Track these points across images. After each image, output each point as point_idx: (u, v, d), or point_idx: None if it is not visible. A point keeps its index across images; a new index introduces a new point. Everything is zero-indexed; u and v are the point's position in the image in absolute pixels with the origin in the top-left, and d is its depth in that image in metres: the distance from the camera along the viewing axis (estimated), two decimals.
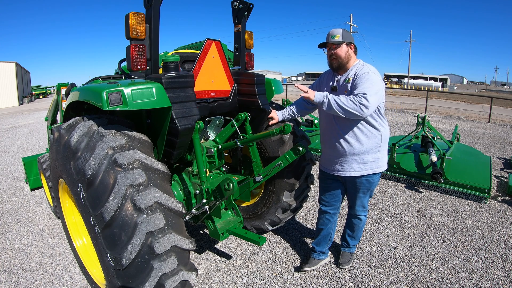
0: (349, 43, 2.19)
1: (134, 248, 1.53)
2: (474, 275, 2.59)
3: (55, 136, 2.01)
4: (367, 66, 2.18)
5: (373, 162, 2.24)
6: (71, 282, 2.58)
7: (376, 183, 2.36)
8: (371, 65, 2.21)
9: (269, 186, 2.81)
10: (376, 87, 2.02)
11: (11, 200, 4.35)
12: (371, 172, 2.26)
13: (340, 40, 2.17)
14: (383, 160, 2.29)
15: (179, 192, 2.37)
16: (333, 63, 2.24)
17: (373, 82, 2.03)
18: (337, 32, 2.19)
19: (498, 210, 3.80)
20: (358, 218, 2.55)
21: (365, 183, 2.31)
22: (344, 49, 2.19)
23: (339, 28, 2.22)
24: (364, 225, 2.66)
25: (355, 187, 2.36)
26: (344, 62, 2.21)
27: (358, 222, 2.57)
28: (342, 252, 2.74)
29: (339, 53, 2.18)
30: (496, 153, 6.63)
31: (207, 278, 2.58)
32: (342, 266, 2.66)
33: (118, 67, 2.31)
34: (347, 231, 2.67)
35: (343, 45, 2.18)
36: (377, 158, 2.24)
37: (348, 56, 2.20)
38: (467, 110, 16.13)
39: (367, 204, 2.51)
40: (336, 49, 2.19)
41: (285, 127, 1.93)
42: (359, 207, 2.47)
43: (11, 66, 30.55)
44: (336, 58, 2.20)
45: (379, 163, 2.26)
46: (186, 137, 2.01)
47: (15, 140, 9.01)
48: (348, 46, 2.20)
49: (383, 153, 2.27)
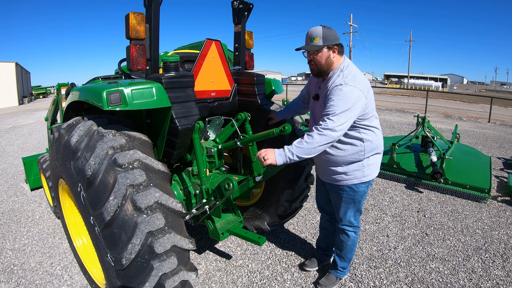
0: (331, 45, 1.88)
1: (134, 248, 1.53)
2: (474, 275, 2.59)
3: (55, 136, 2.01)
4: (345, 73, 1.86)
5: (357, 171, 2.02)
6: (71, 282, 2.58)
7: (361, 193, 2.10)
8: (353, 68, 1.91)
9: (269, 186, 2.81)
10: (347, 103, 1.74)
11: (11, 200, 4.35)
12: (356, 181, 2.04)
13: (320, 43, 1.86)
14: (370, 168, 2.04)
15: (179, 192, 2.37)
16: (313, 70, 1.99)
17: (343, 97, 1.75)
18: (316, 34, 1.87)
19: (498, 210, 3.80)
20: (345, 234, 2.27)
21: (348, 191, 2.09)
22: (325, 54, 1.89)
23: (319, 26, 1.89)
24: (355, 245, 2.32)
25: (338, 196, 2.15)
26: (324, 69, 1.94)
27: (345, 239, 2.28)
28: (328, 272, 2.48)
29: (319, 60, 1.91)
30: (496, 153, 6.63)
31: (207, 278, 2.58)
32: (319, 286, 2.40)
33: (118, 67, 2.31)
34: (335, 249, 2.42)
35: (323, 49, 1.88)
36: (361, 166, 2.01)
37: (330, 61, 1.91)
38: (467, 110, 16.12)
39: (354, 218, 2.22)
40: (316, 55, 1.91)
41: (285, 127, 1.93)
42: (345, 220, 2.22)
43: (11, 66, 30.56)
44: (316, 64, 1.94)
45: (365, 172, 2.02)
46: (186, 137, 2.01)
47: (15, 140, 9.01)
48: (330, 49, 1.89)
49: (370, 161, 2.03)
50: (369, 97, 1.88)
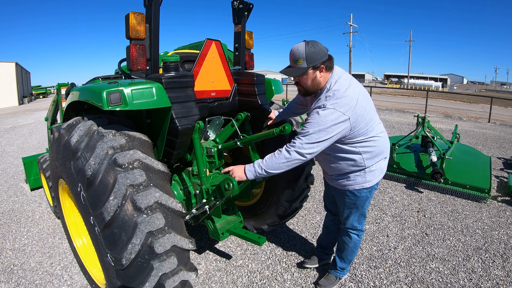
0: (317, 65, 1.76)
1: (134, 248, 1.53)
2: (474, 275, 2.59)
3: (55, 136, 2.01)
4: (329, 94, 1.76)
5: (358, 177, 1.98)
6: (71, 282, 2.58)
7: (363, 198, 2.07)
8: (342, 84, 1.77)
9: (269, 186, 2.81)
10: (320, 125, 1.68)
11: (11, 200, 4.35)
12: (358, 187, 2.01)
13: (304, 66, 1.75)
14: (373, 174, 1.99)
15: (179, 192, 2.37)
16: (300, 90, 1.95)
17: (318, 120, 1.69)
18: (299, 55, 1.75)
19: (498, 210, 3.80)
20: (348, 236, 2.27)
21: (350, 195, 2.07)
22: (311, 76, 1.80)
23: (302, 44, 1.76)
24: (356, 248, 2.32)
25: (341, 199, 2.15)
26: (311, 90, 1.87)
27: (347, 241, 2.28)
28: (328, 272, 2.48)
29: (304, 82, 1.84)
30: (496, 153, 6.63)
31: (207, 278, 2.58)
32: (319, 287, 2.41)
33: (118, 67, 2.31)
34: (337, 249, 2.42)
35: (308, 71, 1.78)
36: (363, 172, 1.97)
37: (317, 82, 1.82)
38: (467, 110, 16.12)
39: (358, 222, 2.21)
40: (302, 77, 1.83)
41: (285, 127, 1.93)
42: (348, 223, 2.22)
43: (11, 66, 30.57)
44: (302, 86, 1.88)
45: (367, 178, 1.98)
46: (186, 137, 2.01)
47: (15, 140, 9.01)
48: (317, 69, 1.77)
49: (372, 168, 1.97)
50: (359, 113, 1.75)
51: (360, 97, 1.78)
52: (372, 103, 1.91)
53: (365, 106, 1.80)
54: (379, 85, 48.31)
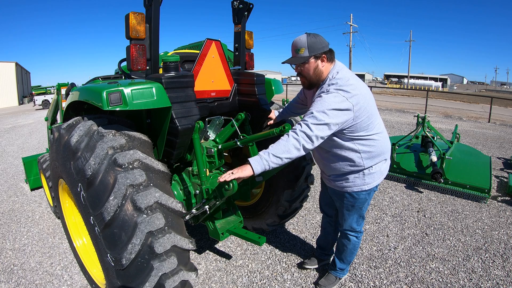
0: (319, 54, 1.79)
1: (134, 248, 1.53)
2: (474, 275, 2.59)
3: (55, 136, 2.01)
4: (332, 81, 1.78)
5: (357, 179, 1.96)
6: (71, 282, 2.58)
7: (362, 201, 2.06)
8: (343, 75, 1.79)
9: (269, 186, 2.81)
10: (324, 106, 1.65)
11: (11, 200, 4.35)
12: (356, 189, 1.99)
13: (306, 54, 1.78)
14: (372, 177, 1.97)
15: (179, 192, 2.37)
16: (303, 83, 1.94)
17: (322, 101, 1.67)
18: (301, 45, 1.78)
19: (498, 210, 3.80)
20: (346, 238, 2.26)
21: (348, 197, 2.05)
22: (313, 65, 1.82)
23: (304, 35, 1.80)
24: (355, 249, 2.32)
25: (340, 201, 2.14)
26: (314, 80, 1.88)
27: (346, 242, 2.27)
28: (327, 273, 2.48)
29: (307, 71, 1.85)
30: (496, 153, 6.63)
31: (207, 278, 2.58)
32: (319, 287, 2.41)
33: (118, 67, 2.31)
34: (336, 250, 2.43)
35: (310, 60, 1.80)
36: (362, 174, 1.95)
37: (319, 71, 1.84)
38: (467, 110, 16.13)
39: (357, 224, 2.20)
40: (303, 67, 1.84)
41: (285, 127, 1.93)
42: (346, 225, 2.20)
43: (11, 66, 30.60)
44: (304, 76, 1.88)
45: (366, 180, 1.96)
46: (186, 137, 2.01)
47: (15, 140, 9.01)
48: (318, 58, 1.80)
49: (372, 170, 1.95)
50: (362, 104, 1.73)
51: (363, 89, 1.79)
52: (373, 99, 1.90)
53: (368, 100, 1.80)
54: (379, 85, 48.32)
